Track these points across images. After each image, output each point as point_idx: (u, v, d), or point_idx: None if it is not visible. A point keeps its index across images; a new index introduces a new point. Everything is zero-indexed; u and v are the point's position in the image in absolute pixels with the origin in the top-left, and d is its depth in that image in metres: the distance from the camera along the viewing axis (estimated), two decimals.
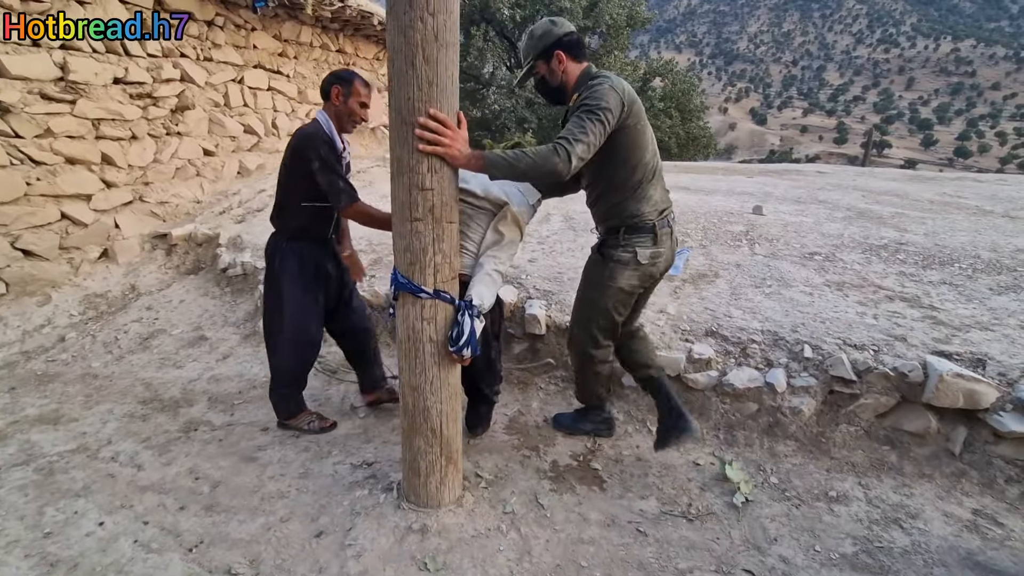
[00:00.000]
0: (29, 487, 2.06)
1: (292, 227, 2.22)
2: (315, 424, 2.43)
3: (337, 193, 2.04)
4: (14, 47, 3.28)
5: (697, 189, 5.62)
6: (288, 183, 2.16)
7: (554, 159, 1.64)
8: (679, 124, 18.56)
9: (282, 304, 2.23)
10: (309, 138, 2.04)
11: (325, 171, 2.03)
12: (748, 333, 2.51)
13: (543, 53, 1.90)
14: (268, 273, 2.27)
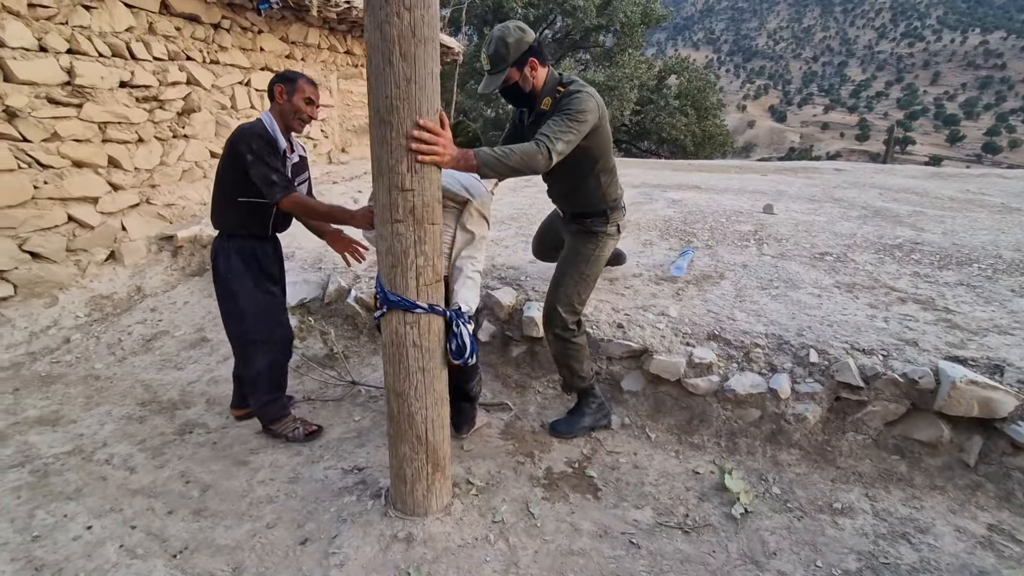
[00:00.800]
0: (23, 489, 2.07)
1: (231, 223, 2.18)
2: (299, 431, 2.37)
3: (270, 185, 2.00)
4: (22, 52, 3.33)
5: (708, 188, 5.50)
6: (224, 178, 2.14)
7: (538, 156, 1.79)
8: (695, 122, 18.32)
9: (238, 305, 2.19)
10: (243, 132, 2.04)
11: (258, 163, 2.00)
12: (752, 337, 2.43)
13: (518, 60, 1.95)
14: (216, 276, 2.22)
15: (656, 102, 18.46)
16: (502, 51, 1.93)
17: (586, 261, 2.24)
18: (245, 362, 2.28)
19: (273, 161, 2.04)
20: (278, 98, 2.10)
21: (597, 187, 2.20)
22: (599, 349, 2.57)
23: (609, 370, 2.57)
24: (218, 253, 2.19)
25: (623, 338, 2.53)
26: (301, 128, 2.19)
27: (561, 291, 2.23)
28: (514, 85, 2.00)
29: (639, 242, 3.53)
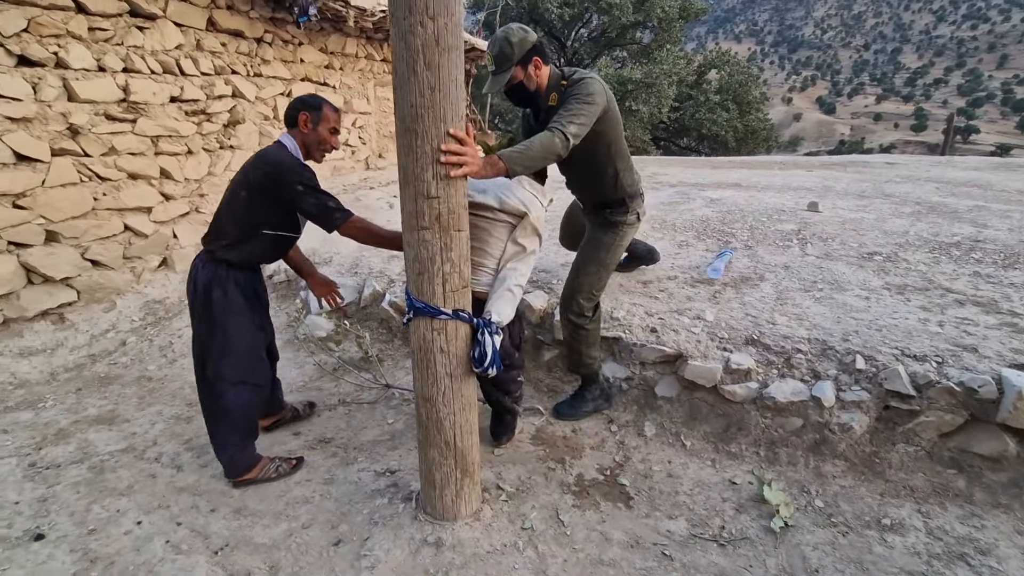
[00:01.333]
0: (81, 485, 2.19)
1: (243, 254, 2.02)
2: (283, 467, 2.20)
3: (329, 211, 1.90)
4: (83, 73, 3.55)
5: (749, 185, 5.32)
6: (251, 210, 1.95)
7: (555, 141, 1.82)
8: (736, 117, 17.79)
9: (229, 344, 2.01)
10: (288, 163, 1.90)
11: (311, 194, 1.89)
12: (793, 342, 2.33)
13: (522, 59, 1.97)
14: (207, 308, 1.99)
15: (696, 98, 18.03)
16: (507, 51, 1.95)
17: (607, 249, 2.29)
18: (220, 402, 2.06)
19: (323, 189, 1.93)
20: (302, 127, 1.98)
21: (615, 176, 2.23)
22: (632, 353, 2.52)
23: (642, 375, 2.52)
24: (212, 283, 1.98)
25: (656, 342, 2.47)
26: (321, 159, 2.09)
27: (582, 279, 2.28)
28: (519, 85, 2.03)
29: (674, 243, 3.44)
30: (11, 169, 3.25)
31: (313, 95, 2.07)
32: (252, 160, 1.96)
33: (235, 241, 1.99)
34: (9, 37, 3.21)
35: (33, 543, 1.87)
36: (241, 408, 2.09)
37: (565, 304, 2.33)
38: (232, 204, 1.98)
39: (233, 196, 1.97)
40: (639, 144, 16.90)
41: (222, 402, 2.06)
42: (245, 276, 2.06)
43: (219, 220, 2.02)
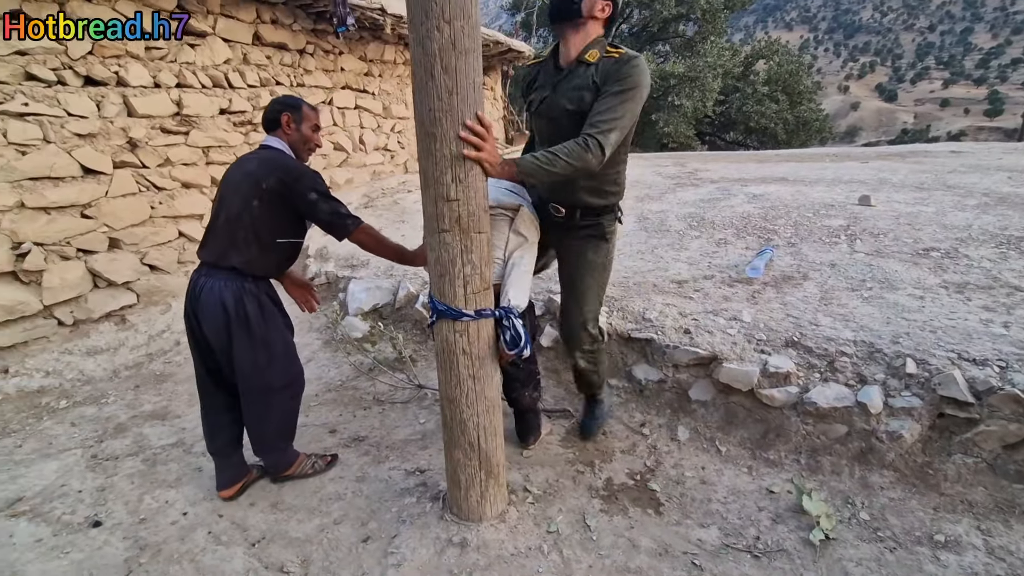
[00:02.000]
0: (135, 476, 2.34)
1: (262, 266, 1.95)
2: (319, 463, 2.26)
3: (342, 218, 1.89)
4: (140, 90, 3.79)
5: (796, 180, 5.09)
6: (266, 219, 1.88)
7: (587, 156, 1.62)
8: (786, 108, 17.06)
9: (270, 352, 1.97)
10: (297, 168, 1.87)
11: (324, 200, 1.87)
12: (837, 344, 2.20)
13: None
14: (243, 324, 1.90)
15: (742, 90, 17.42)
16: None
17: (604, 269, 2.02)
18: (263, 412, 2.04)
19: (331, 194, 1.92)
20: (285, 128, 1.94)
21: (617, 175, 1.93)
22: (664, 355, 2.45)
23: (676, 378, 2.45)
24: (245, 298, 1.89)
25: (690, 344, 2.39)
26: (308, 158, 2.06)
27: (586, 310, 2.02)
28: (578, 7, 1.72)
29: (712, 242, 3.33)
30: (79, 182, 3.51)
31: (289, 95, 2.04)
32: (257, 167, 1.87)
33: (254, 253, 1.90)
34: (76, 60, 3.46)
35: (91, 529, 2.01)
36: (290, 412, 2.14)
37: (575, 339, 2.07)
38: (244, 215, 1.86)
39: (245, 207, 1.85)
40: (683, 140, 16.50)
41: (273, 410, 2.05)
42: (268, 286, 2.03)
43: (229, 234, 1.88)
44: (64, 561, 1.85)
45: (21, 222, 3.27)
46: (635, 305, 2.68)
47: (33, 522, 2.05)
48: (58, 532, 2.00)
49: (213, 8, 4.17)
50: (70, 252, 3.49)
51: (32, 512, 2.11)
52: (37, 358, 3.36)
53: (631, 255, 3.28)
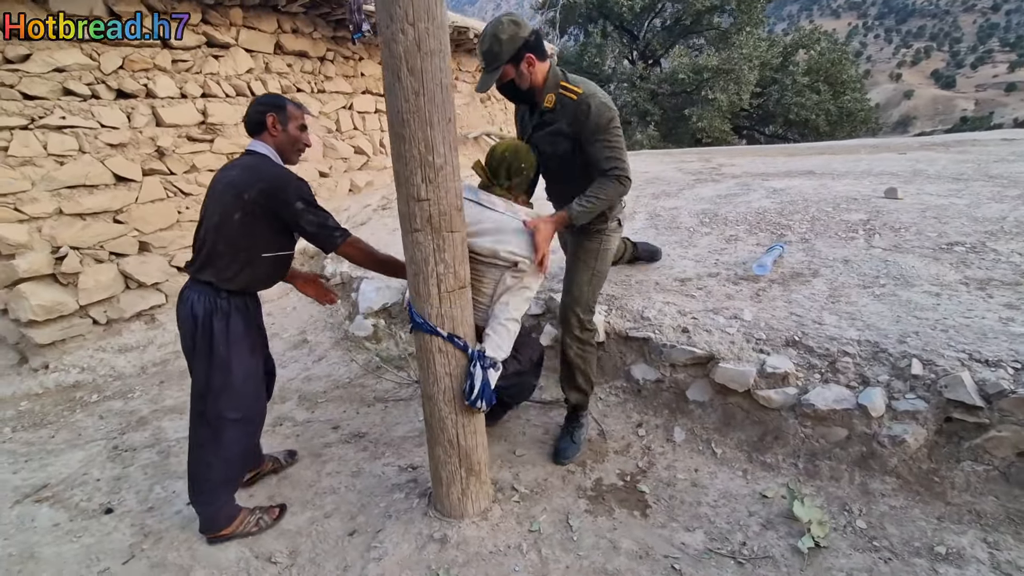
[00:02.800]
0: (149, 467, 2.47)
1: (242, 280, 1.83)
2: (264, 518, 1.99)
3: (330, 230, 1.79)
4: (168, 100, 3.99)
5: (824, 173, 4.88)
6: (248, 232, 1.76)
7: (622, 188, 1.96)
8: (829, 99, 16.36)
9: (229, 377, 1.81)
10: (282, 177, 1.76)
11: (310, 210, 1.77)
12: (840, 343, 2.11)
13: (514, 56, 1.86)
14: (207, 341, 1.78)
15: (781, 81, 16.80)
16: (495, 48, 1.83)
17: (595, 257, 2.17)
18: (210, 448, 1.87)
19: (319, 205, 1.82)
20: (271, 130, 1.83)
21: None
22: (661, 355, 2.41)
23: (673, 378, 2.40)
24: (212, 312, 1.78)
25: (687, 344, 2.34)
26: (298, 160, 1.96)
27: (576, 292, 2.16)
28: (510, 82, 1.92)
29: (722, 238, 3.24)
30: (112, 189, 3.72)
31: (272, 94, 1.93)
32: (239, 176, 1.76)
33: (232, 268, 1.79)
34: (108, 74, 3.68)
35: (104, 516, 2.14)
36: (239, 455, 1.94)
37: (565, 322, 2.17)
38: (224, 227, 1.75)
39: (225, 218, 1.74)
40: (717, 134, 16.07)
41: (222, 447, 1.87)
42: (246, 302, 1.88)
43: (210, 246, 1.78)
44: (76, 545, 1.98)
45: (59, 228, 3.50)
46: (634, 304, 2.64)
47: (54, 508, 2.20)
48: (74, 518, 2.13)
49: (236, 20, 4.34)
50: (103, 255, 3.71)
51: (54, 498, 2.26)
52: (74, 355, 3.58)
53: None
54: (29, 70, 3.37)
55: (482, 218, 1.87)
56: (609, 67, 19.85)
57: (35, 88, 3.39)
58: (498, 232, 1.86)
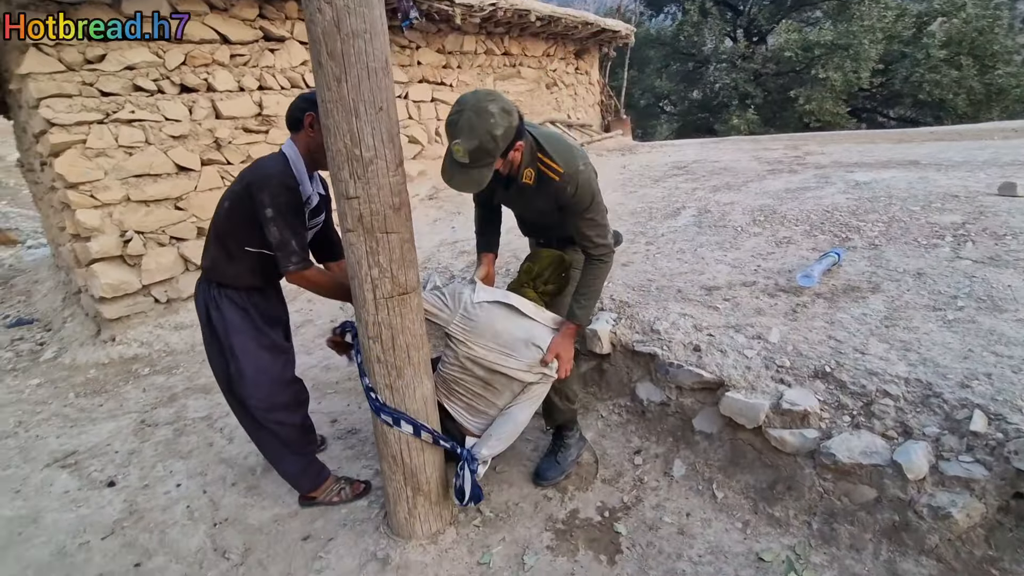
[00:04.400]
0: (161, 444, 2.60)
1: (229, 274, 1.81)
2: (346, 491, 2.05)
3: (286, 253, 1.67)
4: (227, 93, 4.21)
5: (930, 163, 4.10)
6: (231, 221, 1.76)
7: (608, 266, 1.85)
8: (972, 75, 13.95)
9: (238, 366, 1.83)
10: (268, 179, 1.66)
11: (278, 223, 1.65)
12: (882, 380, 1.69)
13: (505, 150, 1.57)
14: (208, 330, 1.86)
15: (912, 56, 14.59)
16: (489, 146, 1.49)
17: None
18: (254, 426, 1.97)
19: (295, 223, 1.70)
20: (308, 129, 1.72)
21: None
22: (668, 375, 2.10)
23: (680, 402, 2.09)
24: (208, 304, 1.83)
25: (696, 364, 2.02)
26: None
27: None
28: (495, 172, 1.61)
29: (772, 240, 2.80)
30: (173, 178, 4.01)
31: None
32: (245, 169, 1.78)
33: (220, 258, 1.81)
34: (172, 70, 3.94)
35: (106, 489, 2.28)
36: (282, 429, 1.94)
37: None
38: (216, 218, 1.80)
39: (219, 209, 1.79)
40: (829, 118, 14.41)
41: (257, 422, 1.94)
42: (241, 295, 1.84)
43: (208, 236, 1.84)
44: (73, 514, 2.12)
45: (127, 213, 3.82)
46: (646, 313, 2.34)
47: (71, 475, 2.38)
48: (82, 487, 2.29)
49: (291, 14, 4.48)
50: (164, 239, 4.01)
51: (75, 466, 2.46)
52: (136, 330, 3.93)
53: (668, 255, 2.88)
54: (105, 69, 3.69)
55: (511, 327, 1.79)
56: (708, 47, 18.50)
57: (109, 85, 3.70)
58: (527, 343, 1.77)
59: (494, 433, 1.77)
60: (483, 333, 1.77)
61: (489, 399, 1.83)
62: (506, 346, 1.75)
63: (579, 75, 7.80)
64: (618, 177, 5.23)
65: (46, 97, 3.51)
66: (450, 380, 1.87)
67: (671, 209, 3.65)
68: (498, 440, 1.75)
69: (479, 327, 1.78)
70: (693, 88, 19.90)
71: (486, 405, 1.84)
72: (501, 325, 1.77)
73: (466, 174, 1.54)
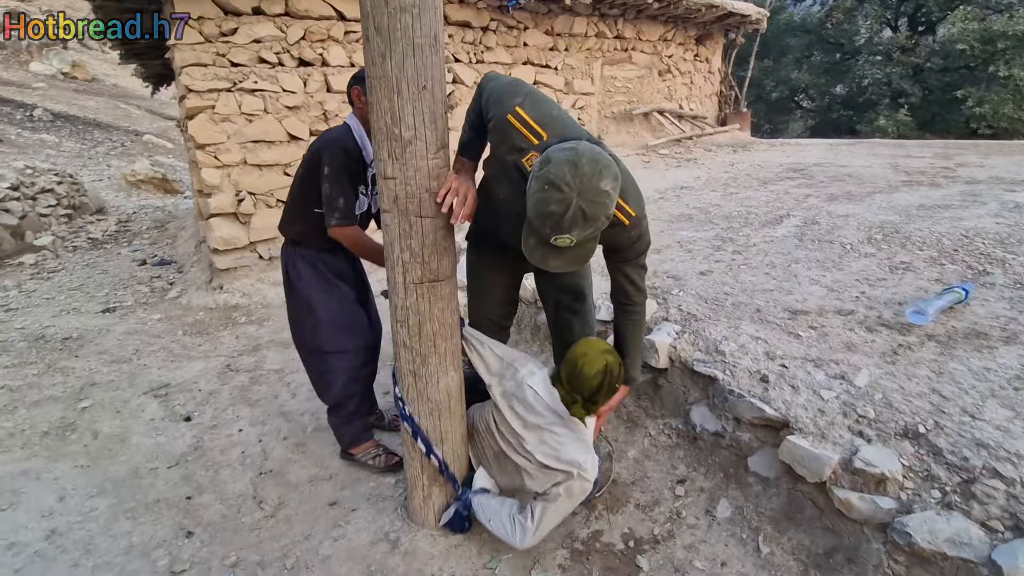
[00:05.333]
0: (236, 389, 2.85)
1: (298, 232, 1.99)
2: (380, 459, 2.12)
3: (332, 210, 1.83)
4: (338, 68, 4.43)
5: None
6: (303, 185, 1.94)
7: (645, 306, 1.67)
8: None
9: (315, 316, 1.99)
10: (330, 143, 1.85)
11: (330, 180, 1.81)
12: (994, 456, 1.36)
13: None
14: (289, 287, 2.04)
15: None
16: (603, 227, 1.24)
17: (590, 270, 1.87)
18: (320, 378, 2.09)
19: (346, 183, 1.84)
20: (356, 101, 1.88)
21: None
22: (727, 403, 1.87)
23: (736, 436, 1.86)
24: (287, 262, 2.02)
25: (760, 397, 1.77)
26: None
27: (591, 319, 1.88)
28: None
29: (886, 265, 2.39)
30: (284, 146, 4.32)
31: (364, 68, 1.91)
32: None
33: (293, 219, 2.00)
34: (292, 45, 4.23)
35: (183, 423, 2.53)
36: (338, 379, 2.05)
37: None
38: (293, 181, 2.00)
39: (296, 173, 1.98)
40: (1005, 124, 12.19)
41: (320, 371, 2.07)
42: (311, 254, 1.99)
43: (287, 199, 2.05)
44: (151, 441, 2.38)
45: (242, 176, 4.20)
46: (714, 330, 2.10)
47: (160, 405, 2.68)
48: (165, 417, 2.57)
49: None
50: (271, 201, 4.35)
51: (165, 397, 2.76)
52: (240, 281, 4.33)
53: (755, 267, 2.57)
54: (236, 41, 4.04)
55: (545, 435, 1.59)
56: (861, 36, 16.41)
57: (238, 57, 4.05)
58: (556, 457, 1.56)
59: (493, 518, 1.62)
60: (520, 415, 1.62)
61: (521, 481, 1.66)
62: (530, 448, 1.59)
63: (698, 62, 7.25)
64: (722, 176, 4.81)
65: (187, 66, 3.92)
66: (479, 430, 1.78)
67: (772, 216, 3.27)
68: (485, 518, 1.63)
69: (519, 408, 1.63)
70: (837, 82, 17.86)
71: (513, 468, 1.67)
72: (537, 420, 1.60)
73: (567, 255, 1.26)
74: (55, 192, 6.40)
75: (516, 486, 1.69)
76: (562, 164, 1.15)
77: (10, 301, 4.24)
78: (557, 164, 1.15)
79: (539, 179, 1.17)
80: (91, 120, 12.42)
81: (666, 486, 1.94)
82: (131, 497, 2.02)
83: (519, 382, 1.62)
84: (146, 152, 11.31)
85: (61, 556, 1.74)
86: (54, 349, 3.35)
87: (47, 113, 11.18)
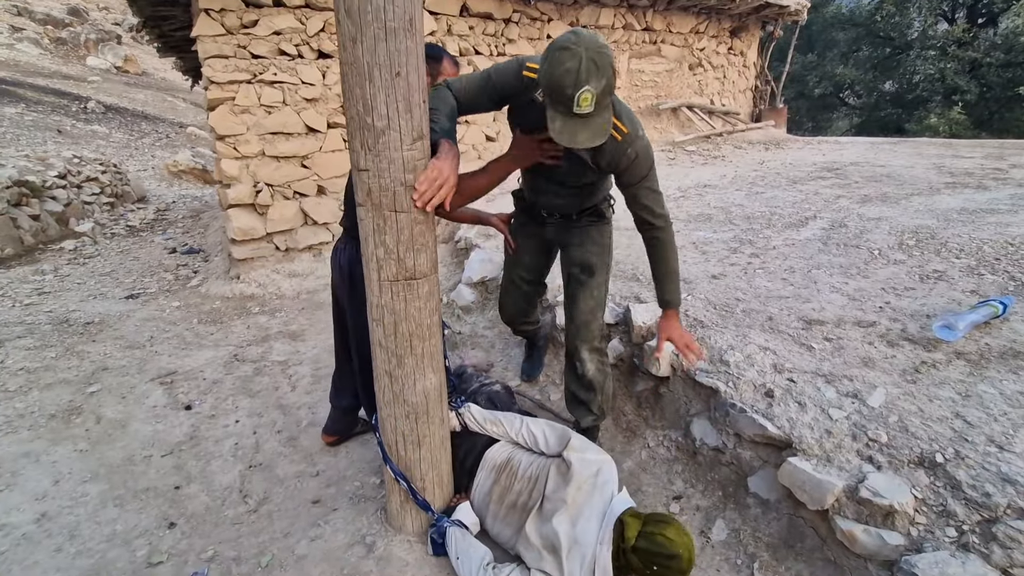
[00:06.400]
0: (239, 380, 2.86)
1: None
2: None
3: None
4: None
5: None
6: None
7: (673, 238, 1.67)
8: None
9: None
10: None
11: None
12: (1020, 493, 1.21)
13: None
14: (353, 288, 1.89)
15: None
16: (613, 82, 1.30)
17: (608, 250, 1.90)
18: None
19: None
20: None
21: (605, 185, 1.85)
22: (728, 417, 1.75)
23: (736, 452, 1.73)
24: (353, 263, 1.86)
25: (762, 413, 1.64)
26: None
27: (598, 294, 1.85)
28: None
29: (916, 273, 2.20)
30: (302, 138, 4.34)
31: (435, 45, 1.92)
32: None
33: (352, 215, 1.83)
34: (312, 36, 4.23)
35: (183, 411, 2.55)
36: None
37: (586, 333, 1.85)
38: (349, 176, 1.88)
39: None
40: None
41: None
42: None
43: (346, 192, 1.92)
44: (150, 428, 2.40)
45: (260, 167, 4.23)
46: (720, 339, 1.98)
47: (164, 392, 2.71)
48: (167, 405, 2.59)
49: None
50: (289, 193, 4.38)
51: (170, 384, 2.79)
52: (257, 272, 4.38)
53: (772, 272, 2.41)
54: (257, 33, 4.07)
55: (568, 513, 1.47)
56: (914, 29, 15.57)
57: (259, 48, 4.08)
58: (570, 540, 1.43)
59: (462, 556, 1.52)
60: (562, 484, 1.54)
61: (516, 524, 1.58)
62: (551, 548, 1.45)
63: (732, 56, 6.97)
64: (750, 174, 4.59)
65: (209, 57, 3.96)
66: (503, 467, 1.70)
67: (798, 218, 3.08)
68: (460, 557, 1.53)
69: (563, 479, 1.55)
70: (885, 78, 17.02)
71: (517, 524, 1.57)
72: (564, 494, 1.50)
73: (591, 124, 1.33)
74: (99, 181, 6.65)
75: (502, 539, 1.61)
76: (565, 35, 1.30)
77: (45, 285, 4.40)
78: (560, 37, 1.30)
79: (548, 52, 1.30)
80: (139, 112, 12.93)
81: (661, 502, 1.83)
82: (122, 484, 2.03)
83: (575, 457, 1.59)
84: (189, 143, 11.69)
85: (46, 540, 1.75)
86: (75, 333, 3.45)
87: (99, 105, 11.68)
